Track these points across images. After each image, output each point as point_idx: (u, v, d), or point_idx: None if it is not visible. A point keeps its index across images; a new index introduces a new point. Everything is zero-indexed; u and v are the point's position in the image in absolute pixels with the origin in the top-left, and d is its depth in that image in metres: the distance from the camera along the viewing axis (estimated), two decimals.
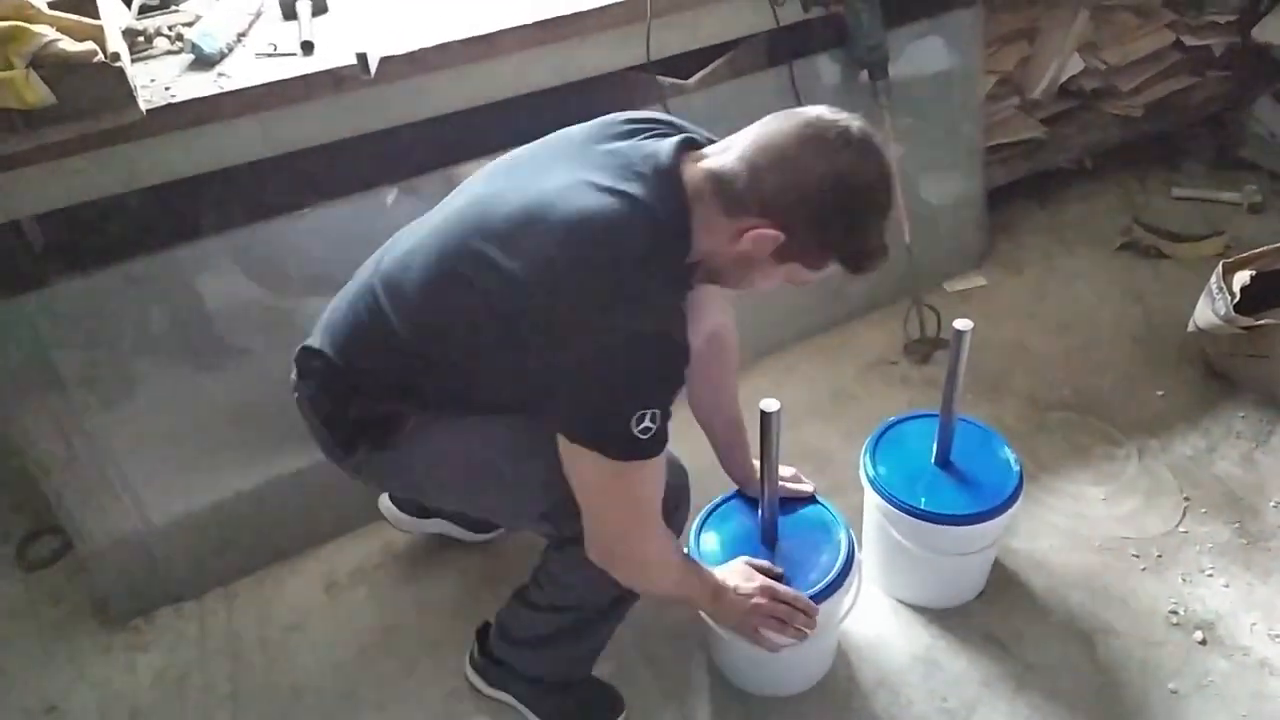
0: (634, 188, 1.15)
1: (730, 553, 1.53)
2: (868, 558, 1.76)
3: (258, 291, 1.74)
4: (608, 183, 1.15)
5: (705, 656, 1.67)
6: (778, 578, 1.44)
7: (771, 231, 1.14)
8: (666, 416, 1.15)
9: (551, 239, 1.13)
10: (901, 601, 1.74)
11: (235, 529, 1.83)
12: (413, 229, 1.34)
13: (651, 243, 1.14)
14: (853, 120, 1.16)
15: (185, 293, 1.69)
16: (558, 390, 1.15)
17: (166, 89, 1.59)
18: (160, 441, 1.72)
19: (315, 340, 1.38)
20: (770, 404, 1.37)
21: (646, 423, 1.12)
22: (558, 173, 1.19)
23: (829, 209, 1.14)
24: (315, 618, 1.79)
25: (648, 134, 1.24)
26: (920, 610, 1.73)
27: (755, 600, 1.39)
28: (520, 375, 1.19)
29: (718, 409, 1.63)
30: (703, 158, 1.20)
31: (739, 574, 1.43)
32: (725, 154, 1.18)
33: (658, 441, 1.15)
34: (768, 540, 1.55)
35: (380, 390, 1.32)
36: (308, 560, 1.88)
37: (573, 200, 1.14)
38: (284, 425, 1.79)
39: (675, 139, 1.20)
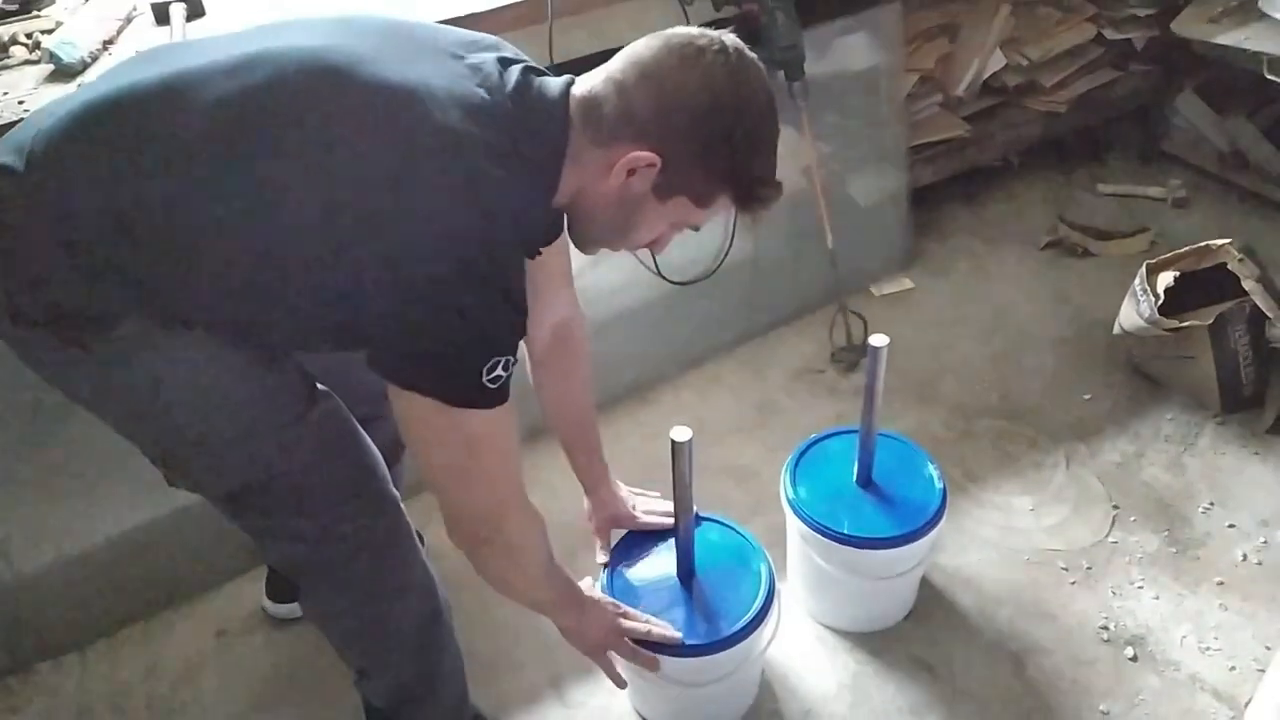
0: (513, 118, 1.02)
1: (647, 591, 1.46)
2: (791, 581, 1.69)
3: None
4: (484, 102, 1.00)
5: (624, 697, 1.58)
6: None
7: (646, 154, 1.02)
8: (514, 363, 1.03)
9: (425, 135, 0.96)
10: (827, 626, 1.67)
11: (117, 574, 1.69)
12: (152, 66, 1.02)
13: (522, 191, 1.02)
14: (727, 35, 1.05)
15: None
16: (391, 328, 0.98)
17: (20, 103, 1.47)
18: (24, 483, 1.58)
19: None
20: (681, 433, 1.28)
21: (499, 371, 1.00)
22: (425, 66, 1.01)
23: (707, 126, 1.03)
24: (206, 668, 1.66)
25: (502, 60, 1.07)
26: (846, 635, 1.66)
27: (616, 628, 1.35)
28: (341, 298, 0.99)
29: (567, 399, 1.48)
30: (575, 84, 1.09)
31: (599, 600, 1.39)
32: (594, 77, 1.07)
33: (505, 391, 1.03)
34: (684, 577, 1.47)
35: (107, 261, 0.99)
36: (197, 606, 1.75)
37: (451, 111, 0.97)
38: None
39: (563, 79, 1.08)
